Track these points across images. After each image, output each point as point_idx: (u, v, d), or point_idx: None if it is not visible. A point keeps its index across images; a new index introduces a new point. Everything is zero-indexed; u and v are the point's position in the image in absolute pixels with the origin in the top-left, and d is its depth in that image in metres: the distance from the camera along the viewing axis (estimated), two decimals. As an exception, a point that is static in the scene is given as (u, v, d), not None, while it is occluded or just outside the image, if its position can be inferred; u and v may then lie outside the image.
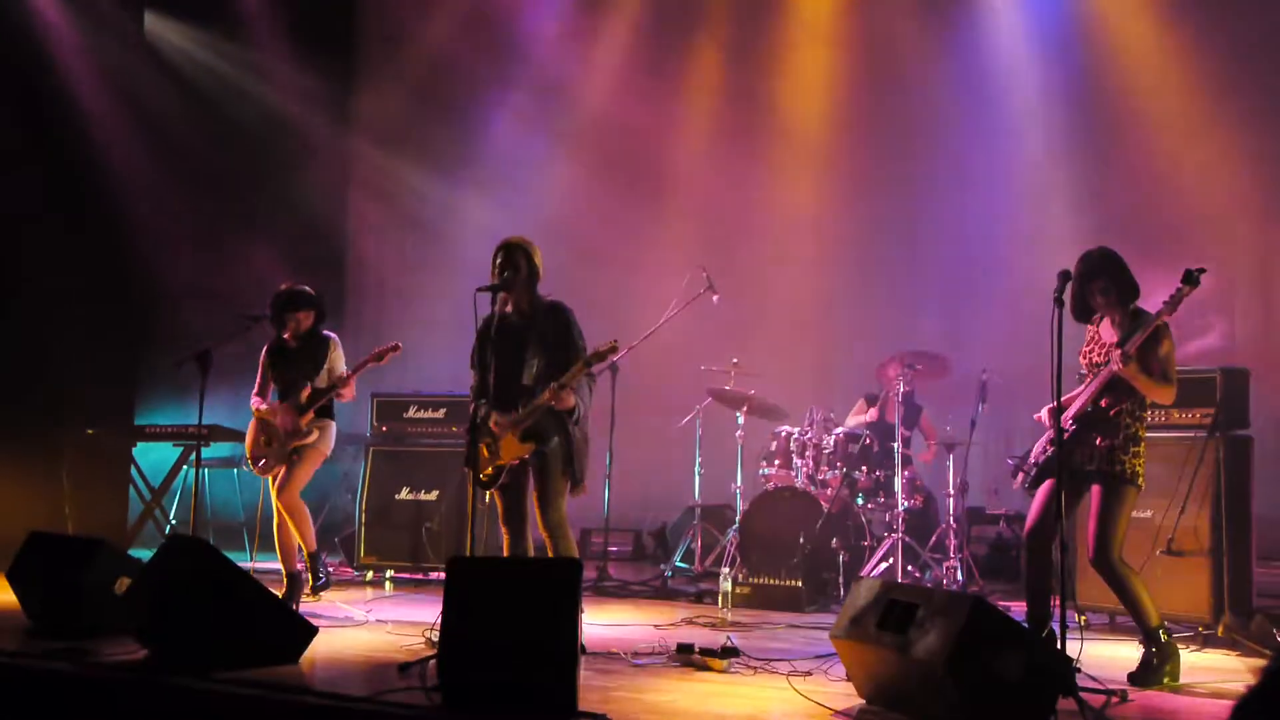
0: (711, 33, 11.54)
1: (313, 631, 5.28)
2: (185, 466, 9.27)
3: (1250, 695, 2.56)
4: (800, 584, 7.35)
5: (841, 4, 11.08)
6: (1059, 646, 4.57)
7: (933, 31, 10.70)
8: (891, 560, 7.89)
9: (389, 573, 8.25)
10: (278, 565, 6.90)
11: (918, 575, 8.03)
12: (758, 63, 11.30)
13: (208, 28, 11.01)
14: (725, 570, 7.05)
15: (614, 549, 9.51)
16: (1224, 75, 9.49)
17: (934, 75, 10.61)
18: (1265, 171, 9.48)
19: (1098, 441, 5.26)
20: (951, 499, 8.25)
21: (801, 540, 7.68)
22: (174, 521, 9.40)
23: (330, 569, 7.21)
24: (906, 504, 8.14)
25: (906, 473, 8.28)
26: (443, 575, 4.69)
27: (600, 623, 6.50)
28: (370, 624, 6.43)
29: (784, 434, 8.54)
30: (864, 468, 8.33)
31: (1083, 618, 6.54)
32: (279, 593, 6.37)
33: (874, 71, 10.86)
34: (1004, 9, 10.51)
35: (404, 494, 8.32)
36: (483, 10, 12.00)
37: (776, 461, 8.50)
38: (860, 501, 8.32)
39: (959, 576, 7.97)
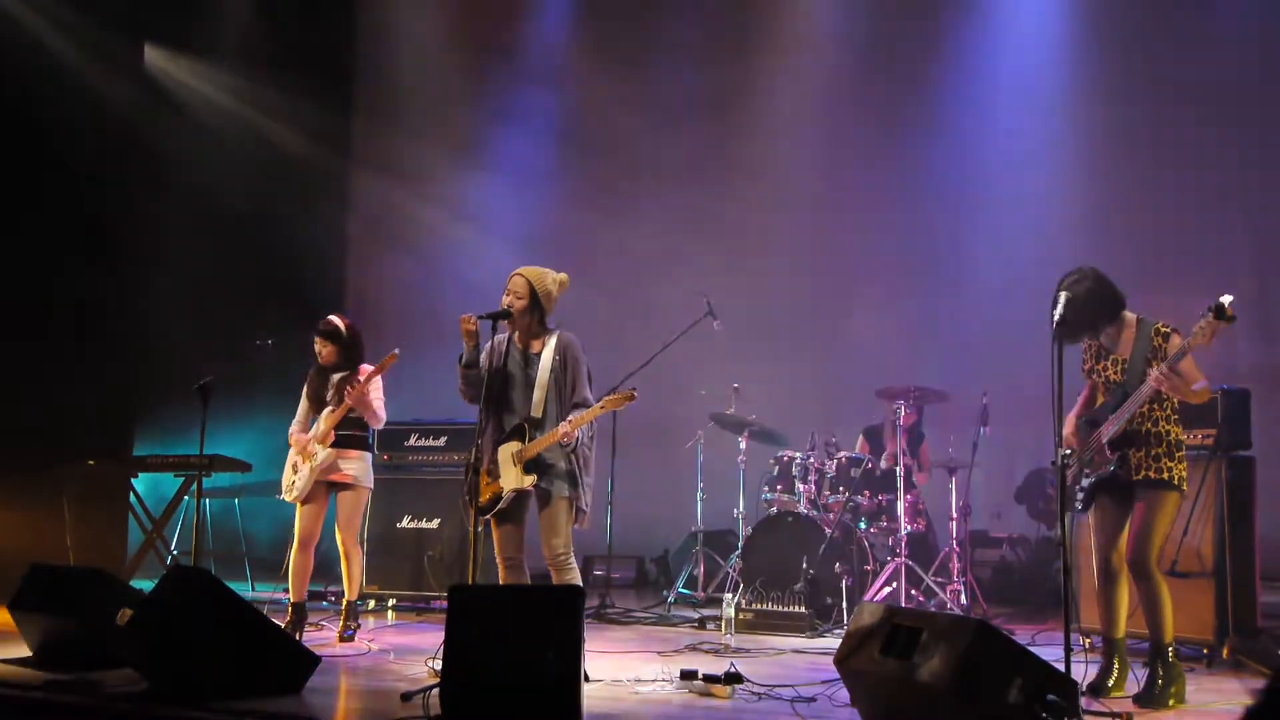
0: (712, 59, 11.59)
1: (315, 661, 5.27)
2: (186, 497, 9.26)
3: (1254, 711, 2.54)
4: (804, 609, 7.33)
5: (839, 32, 11.13)
6: (1064, 669, 4.55)
7: (934, 55, 10.75)
8: (895, 584, 7.86)
9: (391, 601, 8.24)
10: (279, 595, 6.89)
11: (921, 599, 8.01)
12: (759, 88, 11.34)
13: (207, 60, 11.07)
14: (728, 596, 7.03)
15: (616, 575, 9.49)
16: (1225, 100, 9.54)
17: (936, 100, 10.66)
18: (1264, 190, 9.51)
19: (1139, 454, 5.26)
20: (954, 523, 8.24)
21: (804, 565, 7.66)
22: (175, 552, 9.38)
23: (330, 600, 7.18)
24: (909, 528, 8.13)
25: (909, 497, 8.27)
26: (445, 603, 4.67)
27: (603, 650, 6.48)
28: (373, 653, 6.42)
29: (786, 458, 8.53)
30: (866, 492, 8.33)
31: (1087, 640, 6.52)
32: (281, 622, 6.35)
33: (876, 97, 10.91)
34: (1003, 40, 10.56)
35: (405, 522, 8.32)
36: (480, 40, 12.06)
37: (779, 486, 8.49)
38: (863, 526, 8.31)
39: (963, 600, 7.95)
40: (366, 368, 6.98)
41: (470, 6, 12.18)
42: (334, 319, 7.03)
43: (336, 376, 6.98)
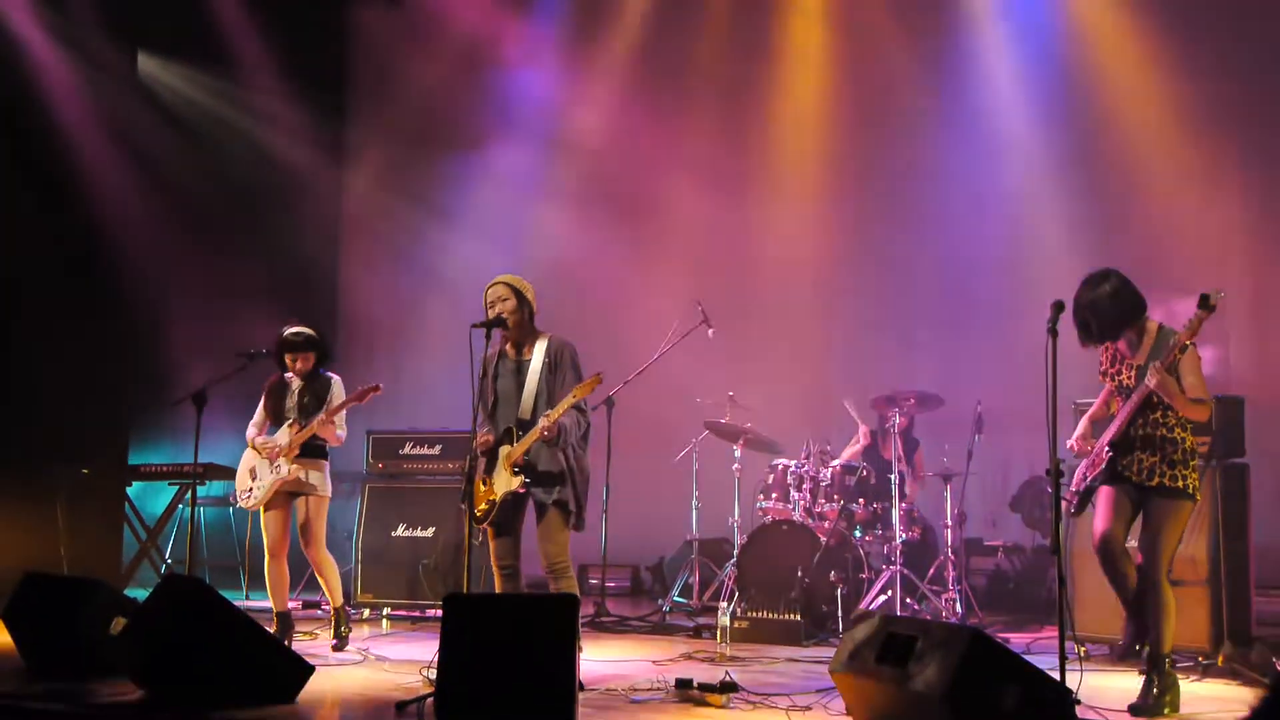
0: (705, 72, 11.59)
1: (310, 670, 5.25)
2: (181, 505, 9.25)
3: (1259, 712, 2.53)
4: (799, 617, 7.32)
5: (834, 44, 11.16)
6: (1059, 677, 4.55)
7: (923, 69, 10.76)
8: (890, 593, 7.86)
9: (386, 610, 8.23)
10: (269, 604, 6.88)
11: (916, 607, 8.00)
12: (752, 101, 11.36)
13: (200, 68, 11.06)
14: (723, 604, 7.02)
15: (611, 584, 9.48)
16: (1215, 107, 9.55)
17: (925, 112, 10.67)
18: (1256, 198, 9.54)
19: (1154, 459, 5.25)
20: (949, 530, 8.24)
21: (799, 573, 7.65)
22: (169, 561, 9.37)
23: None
24: (904, 536, 8.13)
25: (904, 505, 8.27)
26: (440, 612, 4.66)
27: (598, 659, 6.47)
28: (367, 662, 6.40)
29: (781, 467, 8.53)
30: (861, 500, 8.32)
31: (1082, 648, 6.52)
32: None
33: (866, 109, 10.92)
34: (993, 47, 10.57)
35: (400, 531, 8.31)
36: (474, 48, 12.07)
37: (774, 494, 8.48)
38: (858, 534, 8.30)
39: (958, 608, 7.94)
40: (334, 377, 6.91)
41: (465, 12, 12.18)
42: (302, 328, 6.87)
43: (298, 386, 6.88)
